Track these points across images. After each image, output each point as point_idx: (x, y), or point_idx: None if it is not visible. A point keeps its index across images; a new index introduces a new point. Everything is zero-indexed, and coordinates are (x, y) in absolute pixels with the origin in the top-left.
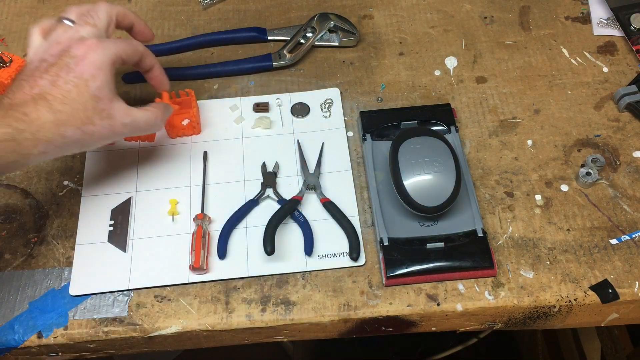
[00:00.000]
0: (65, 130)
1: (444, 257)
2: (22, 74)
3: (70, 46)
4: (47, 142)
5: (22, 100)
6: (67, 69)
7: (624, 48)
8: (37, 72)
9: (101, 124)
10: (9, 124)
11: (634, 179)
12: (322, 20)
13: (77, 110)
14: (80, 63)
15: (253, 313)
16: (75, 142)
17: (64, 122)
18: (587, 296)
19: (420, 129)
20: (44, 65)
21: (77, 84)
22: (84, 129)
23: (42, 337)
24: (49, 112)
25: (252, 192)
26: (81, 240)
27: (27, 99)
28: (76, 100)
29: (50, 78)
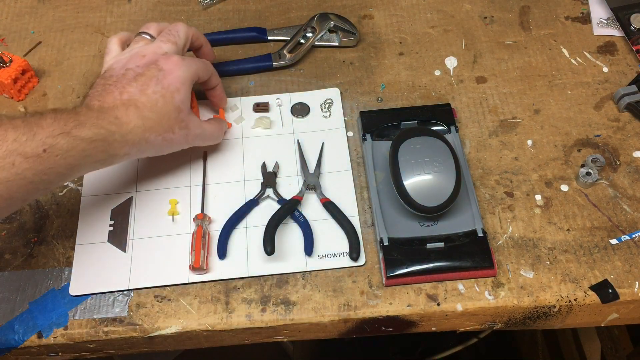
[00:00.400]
0: (150, 135)
1: (444, 257)
2: (107, 79)
3: (157, 60)
4: (133, 145)
5: (113, 105)
6: (156, 81)
7: (624, 48)
8: (125, 79)
9: (179, 133)
10: (102, 126)
11: (634, 179)
12: (322, 20)
13: (162, 119)
14: (167, 76)
15: (253, 313)
16: (154, 147)
17: (149, 128)
18: (587, 296)
19: (420, 129)
20: (130, 73)
21: (163, 95)
22: (165, 136)
23: (42, 337)
24: (138, 118)
25: (252, 192)
26: (81, 240)
27: (118, 104)
28: (162, 109)
29: (139, 87)
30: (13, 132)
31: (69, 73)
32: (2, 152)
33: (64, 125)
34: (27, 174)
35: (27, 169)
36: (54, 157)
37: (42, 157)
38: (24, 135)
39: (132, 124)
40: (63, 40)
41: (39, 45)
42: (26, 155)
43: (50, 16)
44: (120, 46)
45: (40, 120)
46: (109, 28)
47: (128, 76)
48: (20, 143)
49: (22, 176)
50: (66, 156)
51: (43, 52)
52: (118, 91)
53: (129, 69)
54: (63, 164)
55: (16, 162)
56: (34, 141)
